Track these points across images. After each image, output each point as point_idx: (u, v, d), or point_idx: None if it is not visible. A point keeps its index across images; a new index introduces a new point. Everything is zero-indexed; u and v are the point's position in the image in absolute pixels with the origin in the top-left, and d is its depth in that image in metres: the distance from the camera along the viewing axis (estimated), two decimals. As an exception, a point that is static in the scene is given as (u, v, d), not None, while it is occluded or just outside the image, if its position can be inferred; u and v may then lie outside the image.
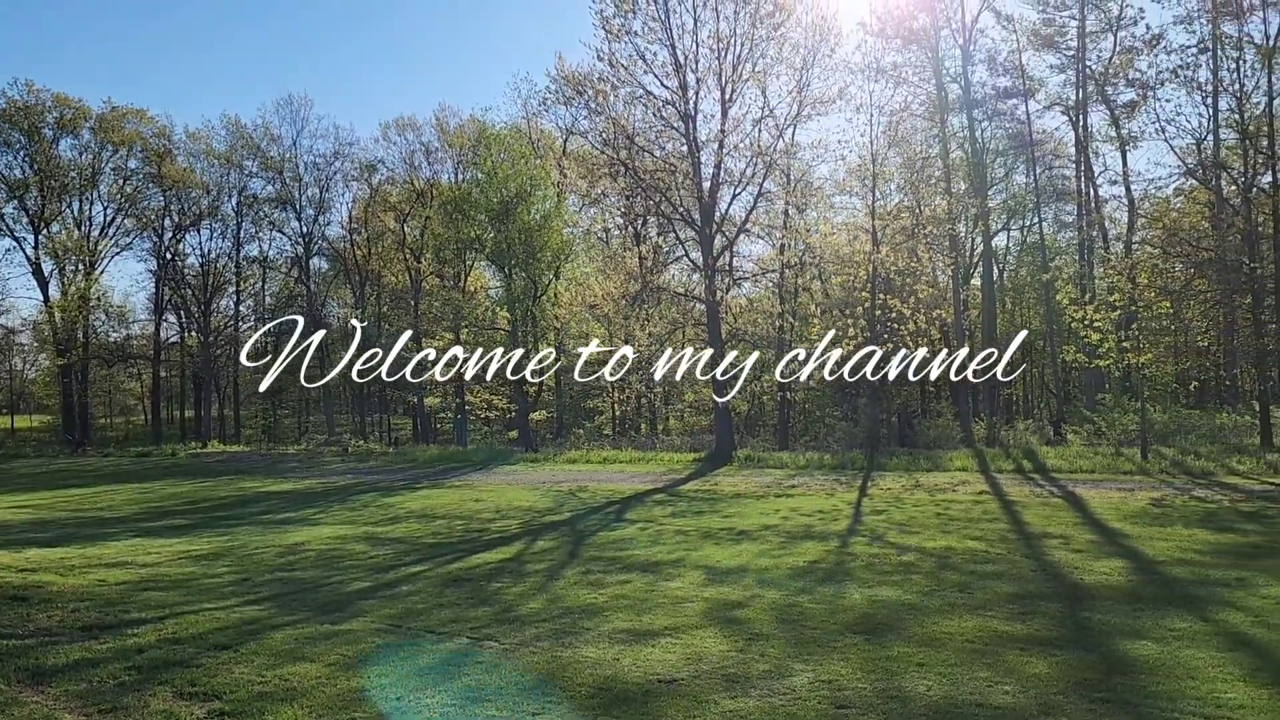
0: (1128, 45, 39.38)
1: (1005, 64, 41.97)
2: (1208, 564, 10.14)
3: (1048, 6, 40.73)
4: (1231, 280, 26.70)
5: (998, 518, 14.19)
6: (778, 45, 27.74)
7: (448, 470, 28.11)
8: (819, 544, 12.13)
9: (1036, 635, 7.42)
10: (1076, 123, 40.72)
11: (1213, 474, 19.46)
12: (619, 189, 30.97)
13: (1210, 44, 28.74)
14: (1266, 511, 13.95)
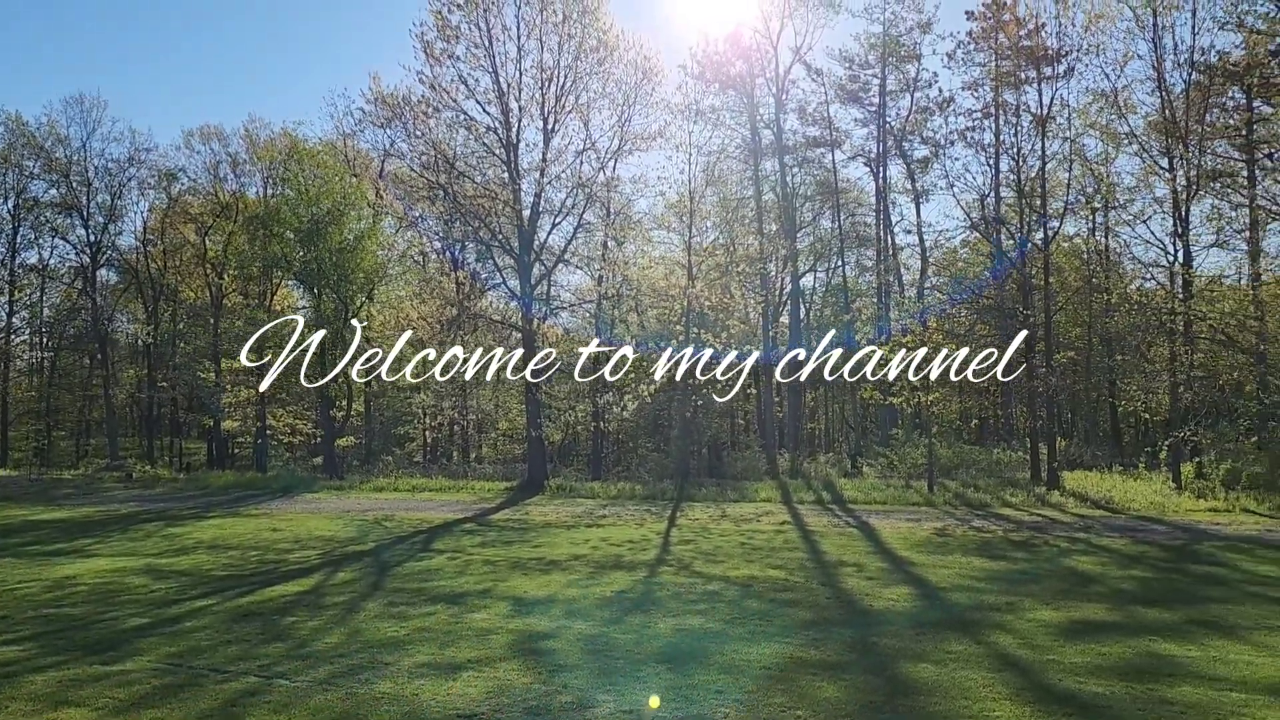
0: (923, 105, 42.41)
1: (815, 114, 44.29)
2: (983, 590, 10.88)
3: (853, 64, 43.37)
4: (1008, 326, 28.99)
5: (798, 547, 14.75)
6: (601, 80, 28.22)
7: (244, 498, 26.66)
8: (628, 574, 12.24)
9: (829, 660, 7.74)
10: (877, 174, 43.38)
11: (989, 506, 20.97)
12: (438, 213, 30.53)
13: (993, 110, 31.30)
14: (1034, 541, 15.13)
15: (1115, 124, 29.13)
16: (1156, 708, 6.37)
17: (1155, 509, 19.77)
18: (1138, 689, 6.79)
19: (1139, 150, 29.82)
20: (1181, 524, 17.30)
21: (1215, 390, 27.01)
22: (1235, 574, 11.87)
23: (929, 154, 43.03)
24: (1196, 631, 8.58)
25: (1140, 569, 12.26)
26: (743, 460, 31.73)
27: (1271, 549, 13.88)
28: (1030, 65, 28.33)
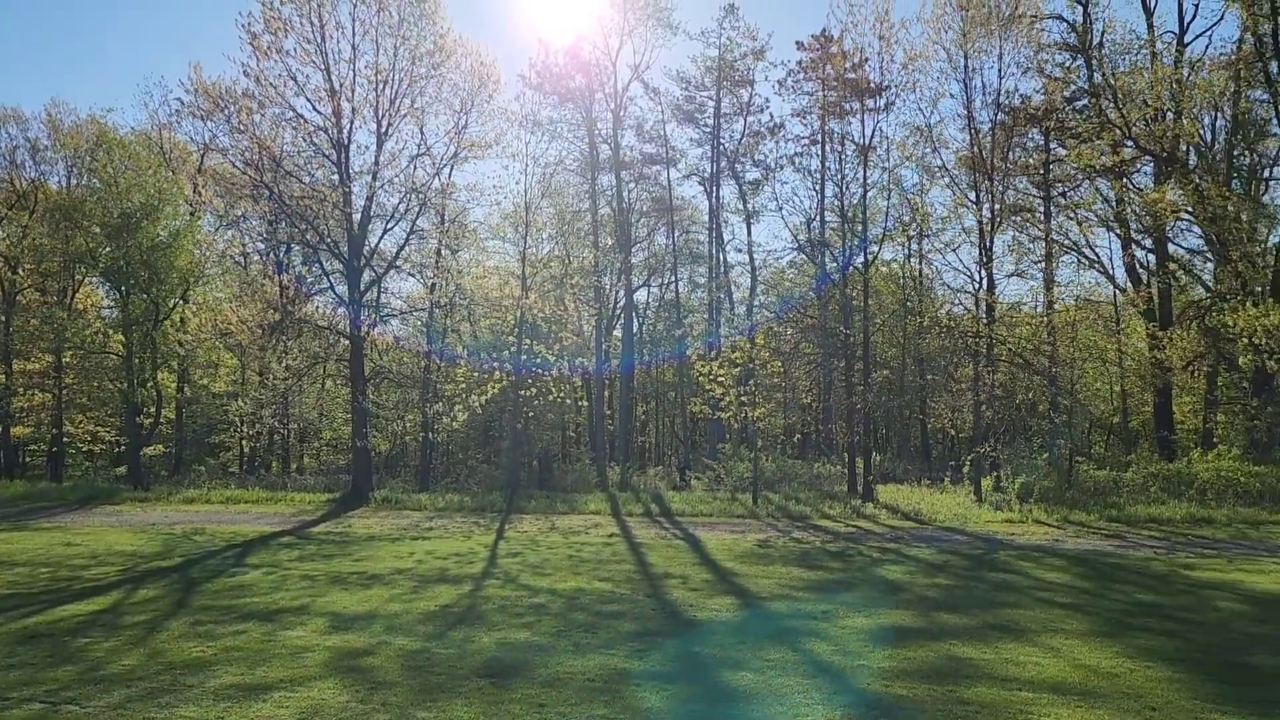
0: (755, 130, 43.85)
1: (652, 132, 45.09)
2: (801, 599, 11.27)
3: (690, 86, 44.40)
4: (830, 345, 30.31)
5: (626, 559, 14.87)
6: (437, 84, 27.77)
7: (36, 510, 24.65)
8: (453, 587, 12.01)
9: (652, 670, 7.83)
10: (711, 193, 44.50)
11: (809, 517, 21.78)
12: (261, 212, 29.24)
13: (820, 137, 32.74)
14: (849, 551, 15.81)
15: (930, 157, 31.03)
16: (954, 708, 6.75)
17: (958, 520, 21.03)
18: (938, 690, 7.18)
19: (950, 183, 31.84)
20: (981, 534, 18.47)
21: (1013, 409, 29.02)
22: (1026, 580, 12.75)
23: (760, 176, 44.53)
24: (991, 635, 9.16)
25: (944, 577, 13.00)
26: (573, 472, 31.79)
27: (1058, 557, 15.00)
28: (854, 97, 29.77)
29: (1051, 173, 35.96)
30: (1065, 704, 6.84)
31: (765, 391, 29.34)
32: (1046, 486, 25.07)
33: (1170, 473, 26.13)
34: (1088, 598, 11.43)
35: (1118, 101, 32.82)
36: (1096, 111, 34.35)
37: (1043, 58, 34.78)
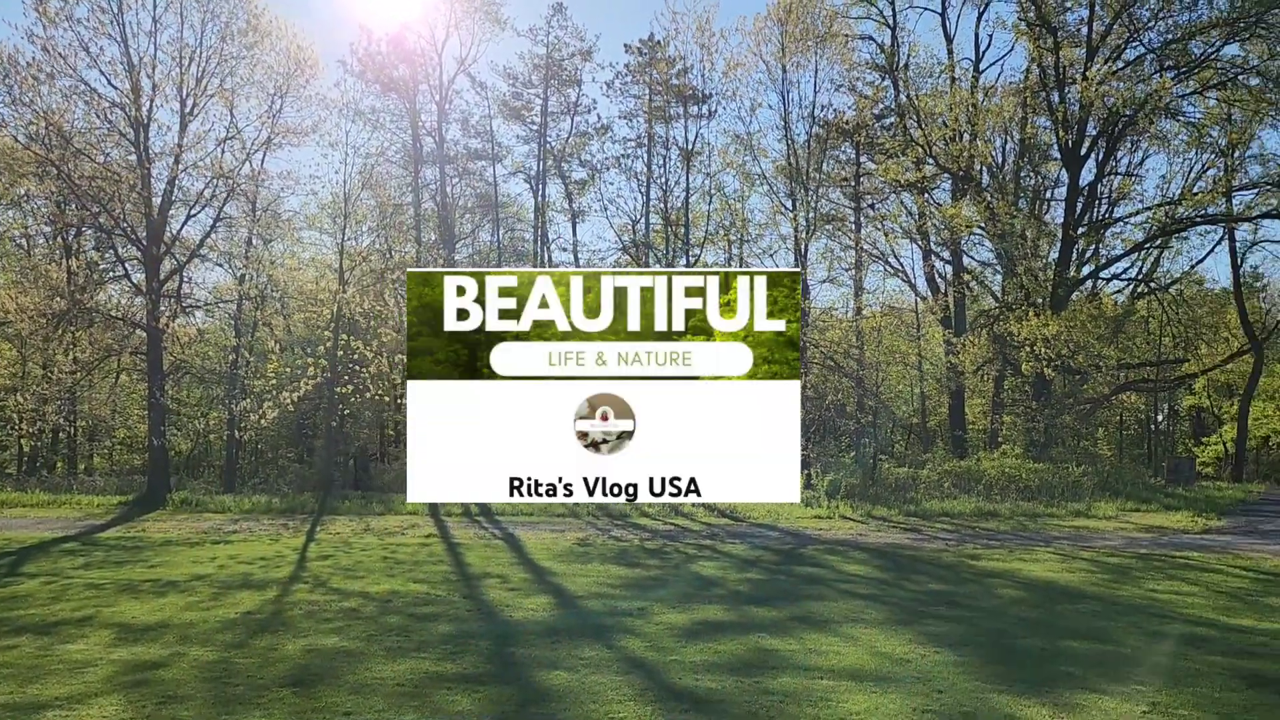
0: (582, 130, 43.95)
1: (478, 127, 44.45)
2: (617, 596, 11.38)
3: (517, 82, 44.07)
4: (652, 346, 30.82)
5: (443, 560, 14.62)
6: (250, 65, 26.48)
7: None
8: (257, 593, 11.46)
9: (466, 673, 7.72)
10: (537, 191, 44.31)
11: (629, 516, 22.06)
12: (47, 192, 27.01)
13: (646, 141, 33.24)
14: (666, 549, 16.11)
15: (750, 165, 32.03)
16: (760, 698, 6.99)
17: (772, 516, 21.81)
18: (745, 682, 7.41)
19: (769, 191, 33.01)
20: (792, 530, 19.23)
21: (824, 410, 30.33)
22: (831, 574, 13.36)
23: (586, 176, 44.66)
24: (797, 627, 9.53)
25: (755, 572, 13.44)
26: (392, 472, 30.96)
27: (861, 550, 15.79)
28: (679, 103, 30.40)
29: (862, 185, 37.84)
30: (862, 690, 7.20)
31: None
32: (853, 483, 26.37)
33: (962, 470, 28.02)
34: (886, 588, 12.09)
35: (920, 122, 34.92)
36: (902, 130, 36.44)
37: (855, 76, 36.57)
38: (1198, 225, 38.93)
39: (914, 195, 38.28)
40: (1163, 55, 35.69)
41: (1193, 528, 20.39)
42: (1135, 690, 7.17)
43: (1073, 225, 35.69)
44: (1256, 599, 11.25)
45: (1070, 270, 35.91)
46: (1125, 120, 34.71)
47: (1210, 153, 39.14)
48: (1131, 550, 16.04)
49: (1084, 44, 35.10)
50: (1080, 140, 35.36)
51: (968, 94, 36.30)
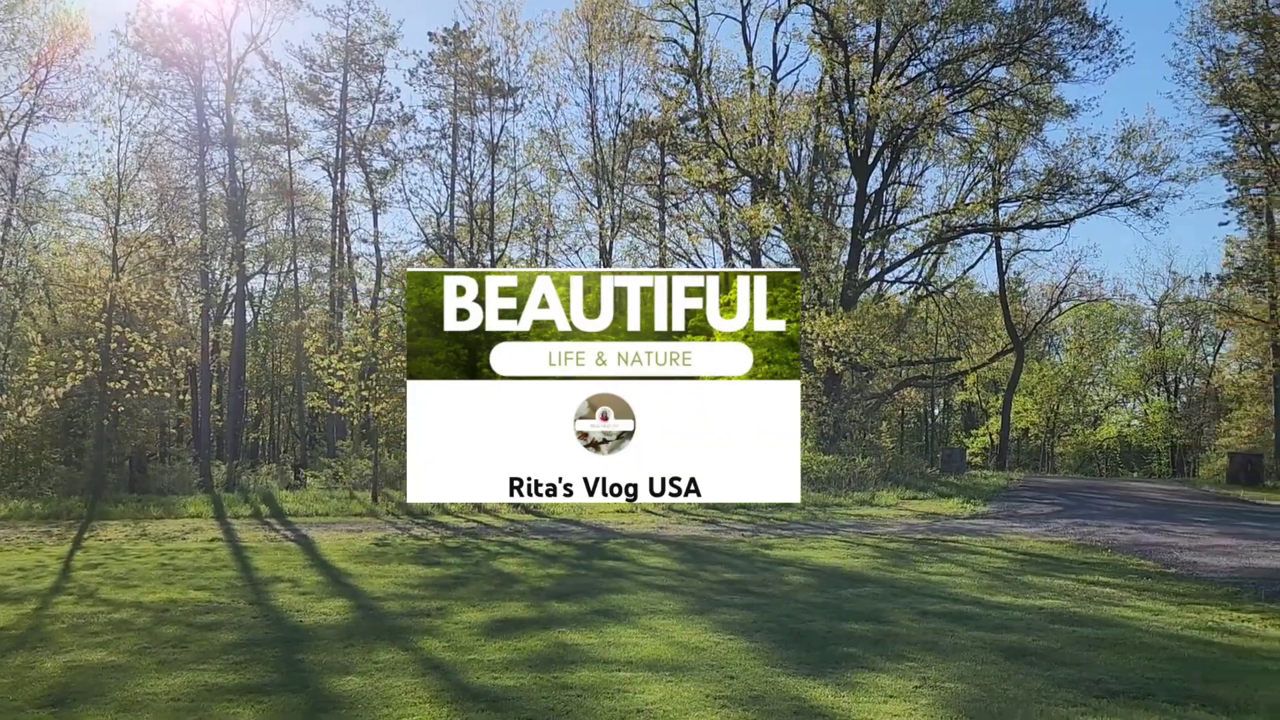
0: (385, 118, 42.74)
1: (271, 110, 42.38)
2: (416, 597, 11.12)
3: (315, 65, 42.32)
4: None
5: (228, 565, 13.83)
6: (10, 31, 24.16)
7: None
8: (12, 607, 10.46)
9: (250, 683, 7.33)
10: (336, 179, 42.75)
11: (431, 514, 21.63)
12: None
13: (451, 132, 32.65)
14: (468, 546, 15.90)
15: (556, 161, 32.05)
16: (558, 693, 7.00)
17: (574, 511, 21.94)
18: (544, 678, 7.41)
19: (575, 187, 33.15)
20: (594, 524, 19.40)
21: (627, 405, 30.68)
22: (632, 566, 13.57)
23: (389, 166, 43.47)
24: (597, 620, 9.62)
25: (557, 567, 13.47)
26: (172, 473, 29.04)
27: (661, 543, 16.13)
28: (485, 95, 30.03)
29: (666, 185, 38.64)
30: (658, 679, 7.34)
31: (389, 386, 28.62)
32: (654, 477, 26.88)
33: (758, 463, 29.10)
34: (684, 579, 12.40)
35: (722, 125, 36.01)
36: (705, 132, 37.47)
37: (659, 77, 37.29)
38: (969, 233, 42.06)
39: (716, 196, 39.48)
40: (940, 74, 38.37)
41: (962, 513, 22.06)
42: (909, 667, 7.66)
43: (861, 230, 37.80)
44: (1014, 577, 12.27)
45: (859, 272, 38.03)
46: (907, 133, 37.06)
47: (980, 167, 42.39)
48: (909, 536, 17.16)
49: (871, 59, 37.24)
50: (868, 150, 37.49)
51: (766, 101, 37.76)
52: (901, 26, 36.66)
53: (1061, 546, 15.70)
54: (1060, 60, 37.25)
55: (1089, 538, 16.95)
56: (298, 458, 38.66)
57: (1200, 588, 11.62)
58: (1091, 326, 67.47)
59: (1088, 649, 8.24)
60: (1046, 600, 10.57)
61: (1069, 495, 29.10)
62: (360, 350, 25.97)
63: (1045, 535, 17.40)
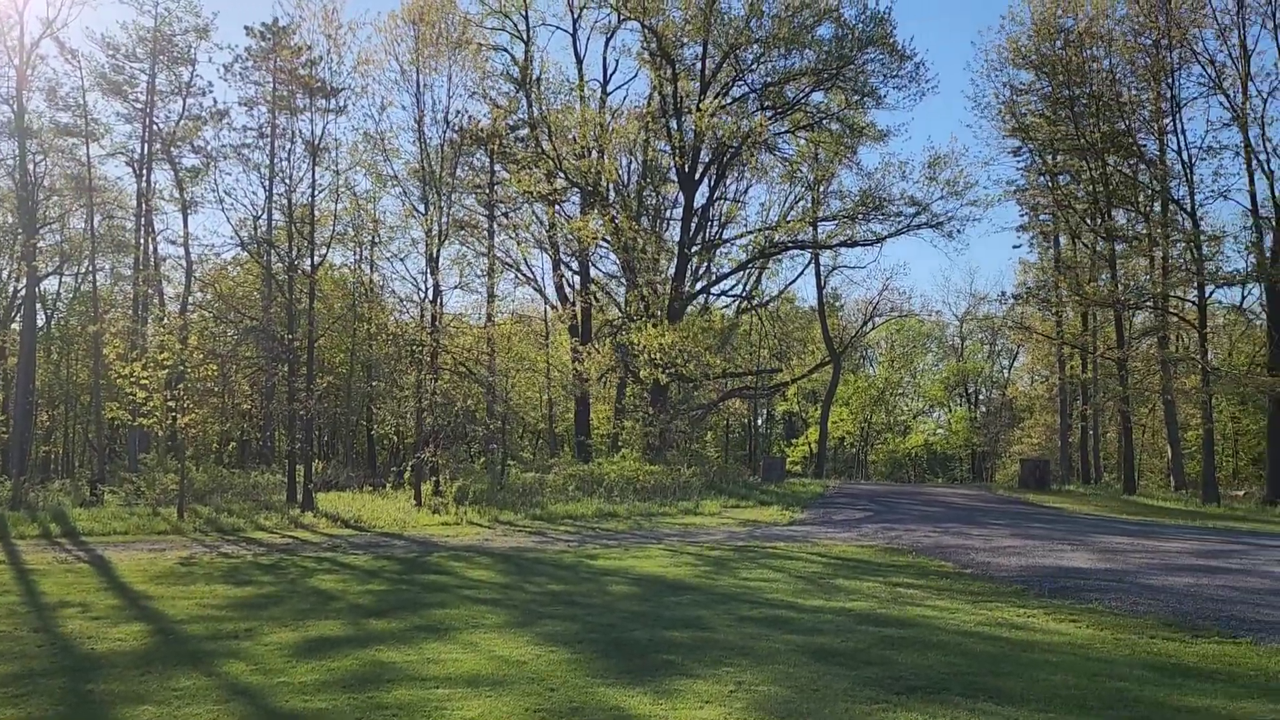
0: (196, 113, 40.58)
1: (69, 100, 39.47)
2: (223, 618, 10.56)
3: (119, 54, 39.75)
4: (273, 348, 29.02)
5: (11, 590, 12.72)
6: None
7: None
8: None
9: (32, 716, 6.77)
10: (141, 176, 40.20)
11: (243, 530, 20.59)
12: None
13: (269, 131, 31.29)
14: (282, 563, 15.23)
15: (382, 165, 31.24)
16: (373, 713, 6.80)
17: (398, 525, 21.39)
18: (359, 698, 7.18)
19: (401, 193, 32.40)
20: (418, 538, 18.97)
21: (453, 415, 30.27)
22: (455, 580, 13.35)
23: (201, 164, 41.29)
24: (417, 636, 9.40)
25: (377, 583, 13.09)
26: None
27: (486, 555, 15.94)
28: (306, 94, 28.96)
29: (496, 193, 38.35)
30: (477, 695, 7.25)
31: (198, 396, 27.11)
32: (481, 489, 26.58)
33: (585, 473, 29.27)
34: (508, 592, 12.30)
35: (552, 136, 36.10)
36: (534, 142, 37.47)
37: (489, 85, 37.04)
38: (790, 250, 43.79)
39: (545, 206, 39.52)
40: (763, 96, 39.81)
41: (781, 520, 22.85)
42: (725, 672, 7.87)
43: (688, 244, 38.68)
44: (827, 581, 12.80)
45: (685, 285, 38.89)
46: (732, 151, 38.24)
47: (801, 186, 44.28)
48: (730, 543, 17.63)
49: (699, 78, 38.23)
50: (695, 166, 38.44)
51: (596, 114, 38.15)
52: (727, 48, 37.82)
53: (871, 550, 16.50)
54: (873, 87, 39.39)
55: (896, 541, 17.89)
56: (95, 472, 35.98)
57: (993, 586, 12.47)
58: (901, 340, 71.53)
59: (891, 648, 8.69)
60: (856, 603, 11.08)
61: (880, 501, 30.64)
62: (167, 358, 24.46)
63: (856, 540, 18.26)
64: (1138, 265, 42.80)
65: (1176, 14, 34.61)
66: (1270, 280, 33.83)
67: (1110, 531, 20.77)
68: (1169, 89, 36.28)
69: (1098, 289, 40.04)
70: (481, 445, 31.31)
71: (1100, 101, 38.20)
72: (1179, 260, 37.93)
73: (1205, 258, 35.87)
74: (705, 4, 36.65)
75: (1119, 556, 15.64)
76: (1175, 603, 11.09)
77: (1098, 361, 46.56)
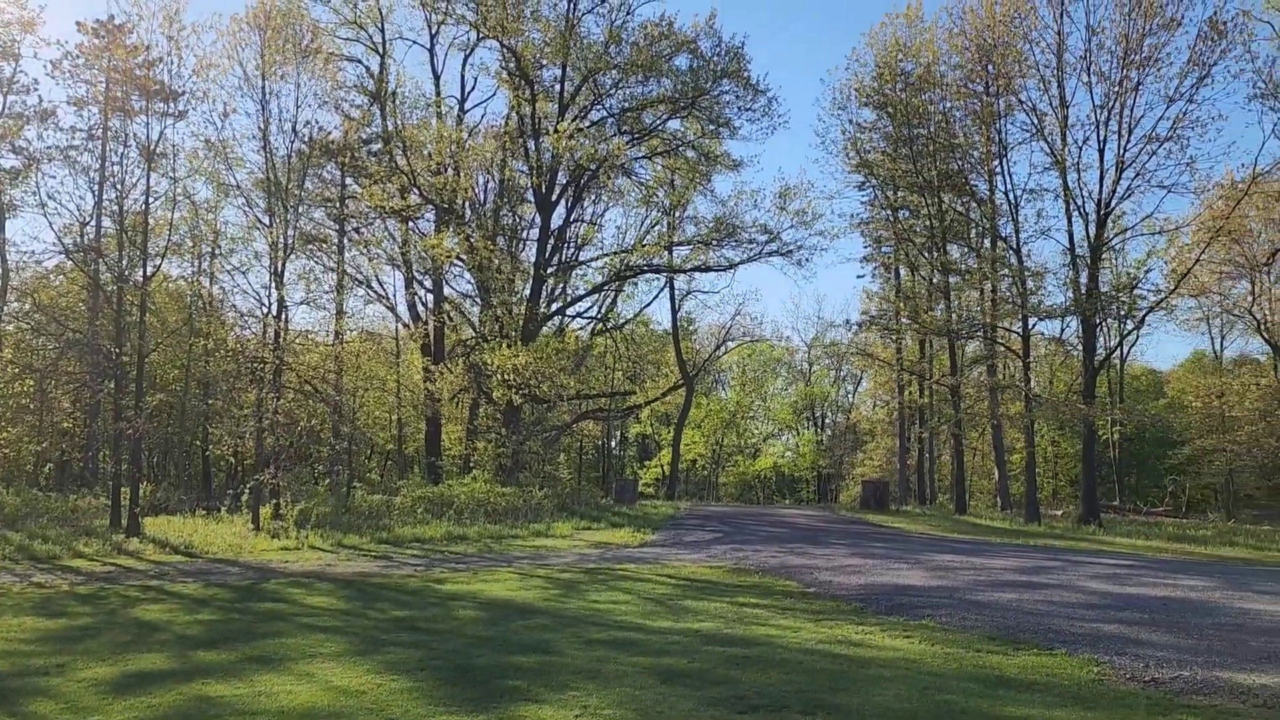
0: (18, 111, 37.87)
1: None
2: (32, 653, 9.77)
3: (-70, 42, 36.74)
4: (99, 364, 27.25)
5: None
6: None
7: None
8: None
9: None
10: (-47, 176, 37.18)
11: (59, 558, 19.17)
12: None
13: (100, 133, 29.51)
14: (102, 593, 14.24)
15: (224, 174, 29.93)
16: (196, 752, 6.40)
17: (233, 550, 20.33)
18: (181, 736, 6.75)
19: (245, 204, 31.09)
20: (255, 564, 18.09)
21: (296, 436, 29.13)
22: (294, 608, 12.77)
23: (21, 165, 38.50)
24: (248, 668, 8.93)
25: (207, 612, 12.39)
26: None
27: (328, 581, 15.34)
28: (143, 96, 27.44)
29: (347, 208, 37.33)
30: (312, 729, 6.93)
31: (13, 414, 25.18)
32: (325, 512, 25.61)
33: (435, 495, 28.65)
34: (349, 619, 11.86)
35: (407, 151, 35.46)
36: (389, 157, 36.70)
37: (341, 96, 36.10)
38: (645, 273, 44.28)
39: (399, 222, 38.70)
40: (621, 121, 40.26)
41: (632, 542, 22.93)
42: (571, 696, 7.78)
43: (544, 265, 38.59)
44: (675, 603, 12.89)
45: (541, 306, 38.76)
46: (589, 174, 38.45)
47: (657, 210, 44.93)
48: (581, 565, 17.55)
49: (557, 100, 38.32)
50: (552, 187, 38.44)
51: (453, 130, 37.71)
52: (586, 71, 38.09)
53: (719, 571, 16.73)
54: (728, 118, 40.41)
55: (744, 562, 18.21)
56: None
57: (834, 605, 12.82)
58: (753, 365, 73.35)
59: (735, 667, 8.80)
60: (703, 623, 11.18)
61: (729, 522, 31.17)
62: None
63: (706, 561, 18.48)
64: (970, 297, 45.23)
65: (1003, 64, 36.95)
66: (1085, 314, 36.34)
67: (943, 550, 21.75)
68: (997, 134, 38.64)
69: (934, 318, 42.09)
70: (326, 467, 30.21)
71: (936, 142, 40.36)
72: (1007, 293, 40.33)
73: (1029, 292, 38.26)
74: (565, 28, 36.84)
75: (950, 574, 16.37)
76: (1000, 617, 11.67)
77: (933, 388, 48.92)
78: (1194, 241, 39.99)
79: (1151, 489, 59.29)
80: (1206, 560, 22.51)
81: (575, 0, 37.34)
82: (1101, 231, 35.95)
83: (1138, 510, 51.22)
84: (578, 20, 37.62)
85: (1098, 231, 35.81)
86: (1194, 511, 54.63)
